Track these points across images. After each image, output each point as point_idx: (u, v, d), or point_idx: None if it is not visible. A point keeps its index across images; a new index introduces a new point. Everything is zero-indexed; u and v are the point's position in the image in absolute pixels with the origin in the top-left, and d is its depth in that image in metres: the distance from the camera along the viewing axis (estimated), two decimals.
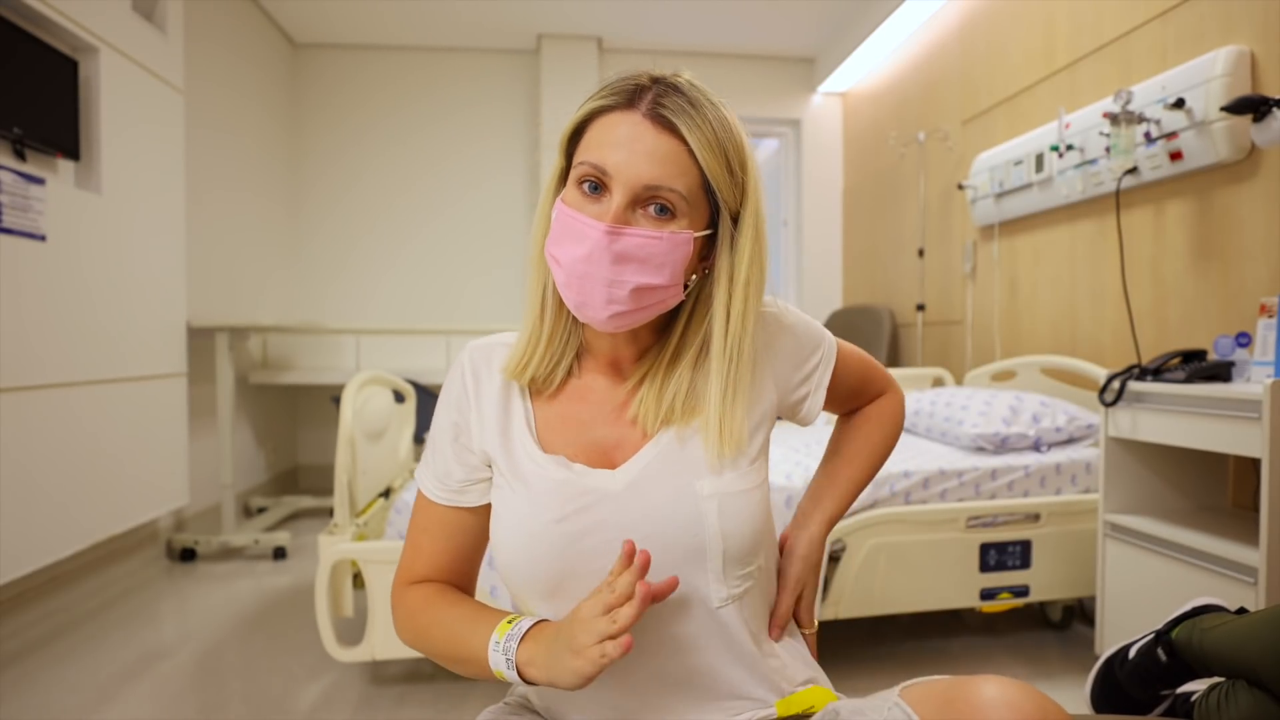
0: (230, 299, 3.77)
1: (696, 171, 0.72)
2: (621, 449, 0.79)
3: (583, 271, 0.72)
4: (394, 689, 1.92)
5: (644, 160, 0.70)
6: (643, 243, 0.71)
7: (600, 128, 0.73)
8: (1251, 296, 1.99)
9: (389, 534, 1.93)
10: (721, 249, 0.76)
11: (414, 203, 4.69)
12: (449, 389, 0.85)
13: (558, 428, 0.81)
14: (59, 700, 1.87)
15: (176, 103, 3.00)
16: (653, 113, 0.72)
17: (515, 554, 0.77)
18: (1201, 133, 2.04)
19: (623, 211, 0.71)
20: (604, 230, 0.70)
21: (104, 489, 2.53)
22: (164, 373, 2.89)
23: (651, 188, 0.70)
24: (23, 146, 2.26)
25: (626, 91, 0.73)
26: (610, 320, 0.73)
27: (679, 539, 0.75)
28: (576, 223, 0.72)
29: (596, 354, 0.83)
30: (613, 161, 0.71)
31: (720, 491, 0.76)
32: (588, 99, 0.76)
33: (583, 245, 0.71)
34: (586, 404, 0.82)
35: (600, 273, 0.71)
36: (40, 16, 2.28)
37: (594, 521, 0.75)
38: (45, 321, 2.28)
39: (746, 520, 0.77)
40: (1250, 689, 1.11)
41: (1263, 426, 1.49)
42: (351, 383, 2.02)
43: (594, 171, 0.72)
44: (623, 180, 0.71)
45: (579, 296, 0.73)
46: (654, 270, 0.72)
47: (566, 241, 0.73)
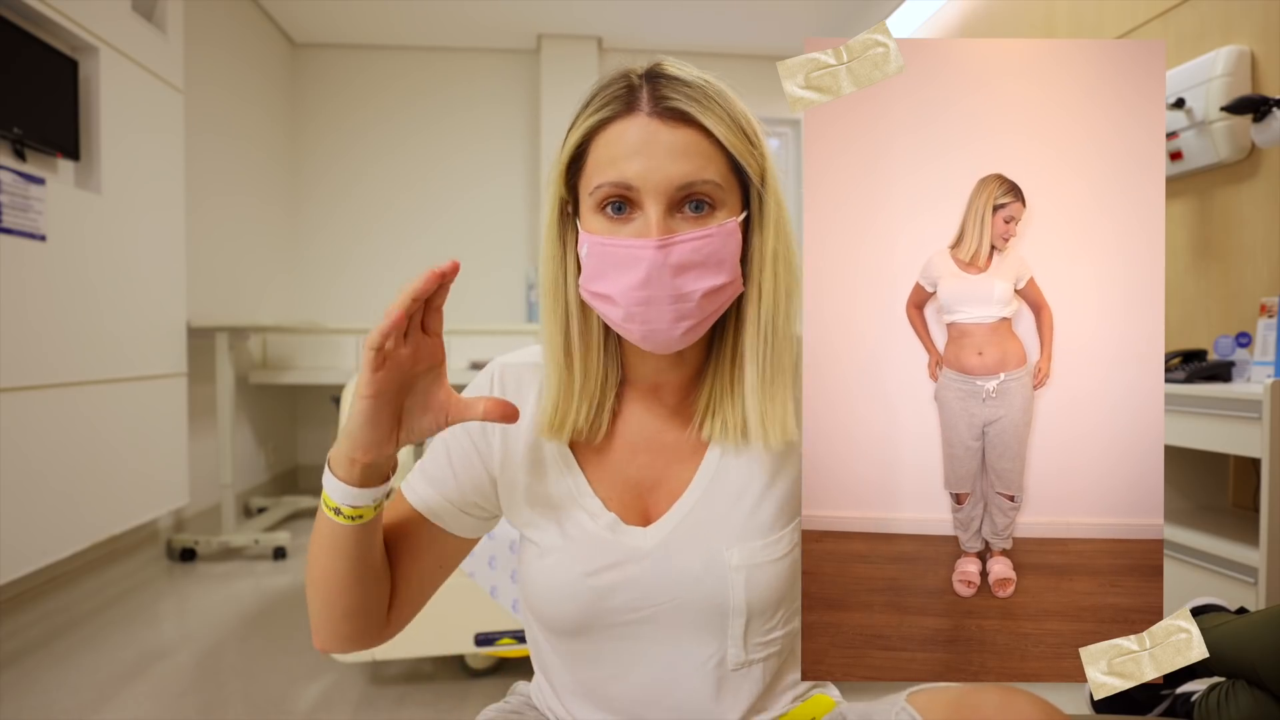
0: (230, 299, 3.77)
1: (722, 155, 0.67)
2: (658, 491, 0.76)
3: (643, 298, 0.66)
4: (394, 689, 1.92)
5: (668, 160, 0.65)
6: (697, 245, 0.66)
7: (606, 143, 0.68)
8: (1251, 296, 1.99)
9: None
10: (754, 226, 0.71)
11: (414, 203, 4.69)
12: (474, 392, 0.79)
13: (595, 463, 0.77)
14: (59, 700, 1.87)
15: (176, 102, 3.00)
16: (658, 109, 0.67)
17: (542, 596, 0.75)
18: (1201, 133, 2.04)
19: (663, 221, 0.65)
20: (656, 246, 0.65)
21: (104, 489, 2.53)
22: (164, 373, 2.89)
23: (685, 186, 0.66)
24: (23, 146, 2.26)
25: (620, 97, 0.68)
26: (683, 336, 0.68)
27: (703, 605, 0.72)
28: (619, 249, 0.66)
29: (636, 382, 0.78)
30: (635, 172, 0.65)
31: (749, 563, 0.72)
32: (577, 118, 0.70)
33: (636, 270, 0.65)
34: (624, 440, 0.77)
35: (664, 293, 0.66)
36: (40, 16, 2.28)
37: (623, 579, 0.73)
38: (45, 321, 2.28)
39: (774, 591, 0.73)
40: (1250, 689, 1.11)
41: (1263, 426, 1.49)
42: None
43: (616, 191, 0.66)
44: (653, 187, 0.65)
45: (645, 325, 0.67)
46: (714, 270, 0.67)
47: (612, 273, 0.67)
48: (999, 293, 0.71)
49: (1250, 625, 1.12)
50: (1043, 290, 0.71)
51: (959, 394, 0.73)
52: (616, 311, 0.68)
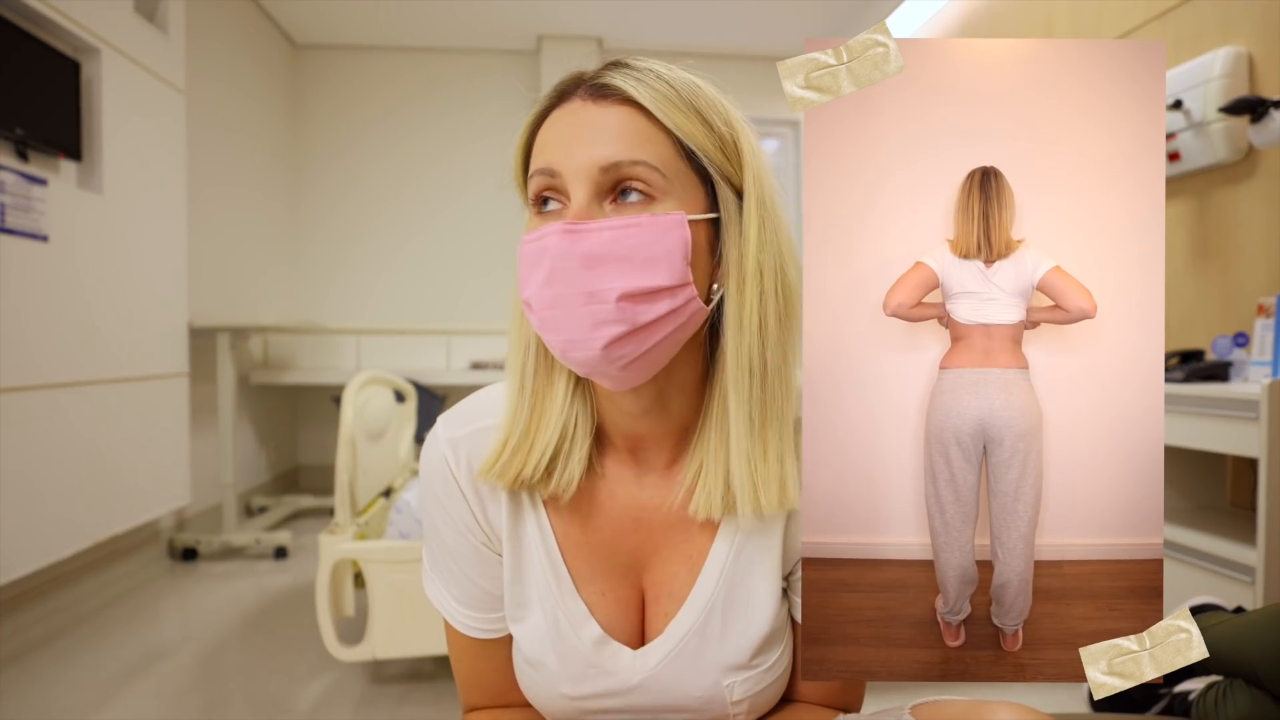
0: (231, 299, 3.77)
1: (666, 138, 0.58)
2: (655, 591, 0.67)
3: (551, 297, 0.56)
4: (395, 688, 1.92)
5: (593, 141, 0.57)
6: (615, 235, 0.55)
7: (541, 134, 0.61)
8: (1249, 297, 1.99)
9: (390, 534, 1.94)
10: (728, 233, 0.60)
11: (414, 203, 4.70)
12: (434, 486, 0.68)
13: (581, 549, 0.67)
14: (60, 700, 1.87)
15: (178, 103, 3.01)
16: (591, 90, 0.59)
17: (528, 693, 0.70)
18: (1199, 133, 2.05)
19: (586, 208, 0.57)
20: (560, 232, 0.55)
21: (105, 489, 2.53)
22: (165, 373, 2.90)
23: (610, 167, 0.56)
24: (25, 147, 2.27)
25: (562, 88, 0.62)
26: (609, 350, 0.56)
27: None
28: (530, 244, 0.58)
29: (614, 437, 0.67)
30: (557, 155, 0.58)
31: (752, 692, 0.66)
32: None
33: (543, 265, 0.57)
34: (609, 514, 0.67)
35: (571, 289, 0.55)
36: (42, 18, 2.29)
37: (613, 705, 0.66)
38: (47, 321, 2.28)
39: (773, 702, 0.69)
40: (1248, 688, 1.12)
41: (1260, 426, 1.49)
42: (352, 383, 2.02)
43: (541, 180, 0.59)
44: (574, 170, 0.57)
45: (559, 334, 0.57)
46: (641, 267, 0.55)
47: (528, 272, 0.59)
48: (1000, 284, 0.68)
49: (1248, 624, 1.13)
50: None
51: (952, 386, 0.70)
52: (536, 320, 0.59)
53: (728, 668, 0.65)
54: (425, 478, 0.69)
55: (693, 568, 0.66)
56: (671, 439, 0.66)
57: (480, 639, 0.70)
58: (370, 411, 2.14)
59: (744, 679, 0.65)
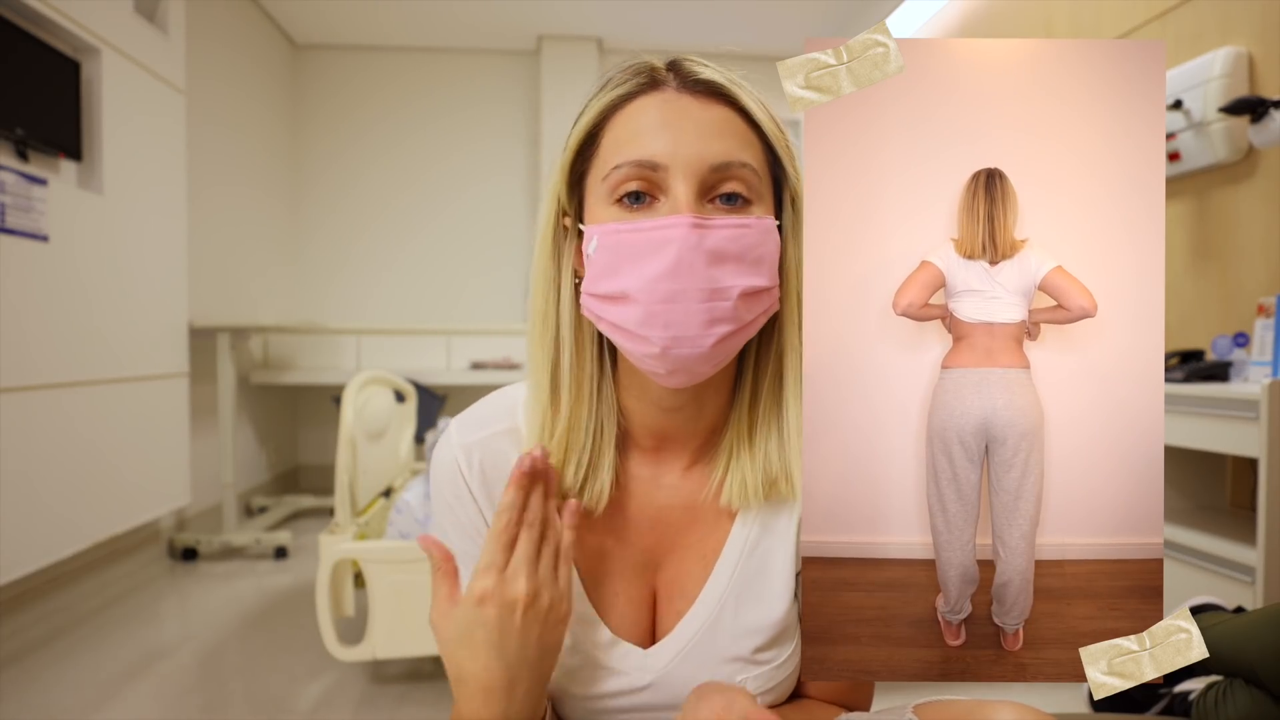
0: (231, 299, 3.77)
1: (759, 142, 0.59)
2: (669, 588, 0.67)
3: (671, 291, 0.54)
4: (395, 688, 1.92)
5: (700, 137, 0.56)
6: (735, 233, 0.55)
7: (626, 120, 0.58)
8: (1249, 297, 1.99)
9: (390, 534, 1.94)
10: (787, 235, 0.61)
11: (414, 203, 4.70)
12: (444, 492, 0.67)
13: (592, 550, 0.66)
14: (60, 700, 1.87)
15: (178, 103, 3.01)
16: (689, 83, 0.58)
17: None
18: (1199, 134, 2.05)
19: (697, 204, 0.55)
20: (690, 224, 0.54)
21: (105, 489, 2.53)
22: (165, 373, 2.90)
23: (720, 167, 0.56)
24: (25, 147, 2.27)
25: (643, 74, 0.59)
26: (716, 348, 0.56)
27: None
28: (639, 235, 0.55)
29: (638, 438, 0.66)
30: (661, 148, 0.55)
31: (764, 688, 0.66)
32: (589, 101, 0.61)
33: (663, 256, 0.54)
34: (624, 512, 0.66)
35: (696, 284, 0.54)
36: (42, 18, 2.29)
37: (623, 704, 0.66)
38: (47, 321, 2.28)
39: (785, 697, 0.69)
40: (1248, 687, 1.12)
41: (1260, 426, 1.49)
42: (352, 383, 2.02)
43: (637, 172, 0.56)
44: (682, 165, 0.55)
45: (668, 331, 0.55)
46: (753, 267, 0.56)
47: (629, 266, 0.55)
48: (1004, 283, 0.68)
49: (1248, 624, 1.13)
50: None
51: (955, 385, 0.70)
52: (633, 312, 0.56)
53: (740, 662, 0.65)
54: (436, 482, 0.68)
55: (706, 566, 0.66)
56: (698, 438, 0.66)
57: None
58: (370, 411, 2.14)
59: (755, 675, 0.65)
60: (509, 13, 4.23)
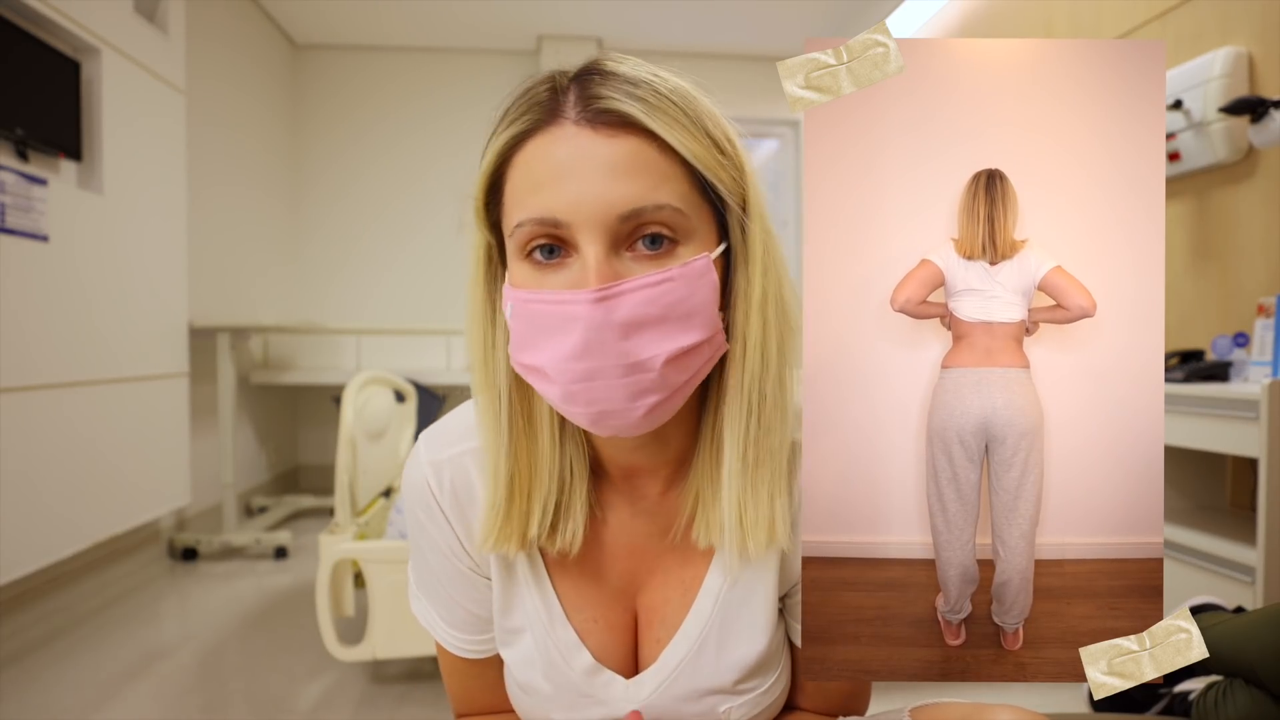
0: (231, 299, 3.77)
1: (683, 171, 0.52)
2: (649, 617, 0.66)
3: (583, 371, 0.50)
4: (395, 688, 1.92)
5: (604, 181, 0.49)
6: (653, 293, 0.50)
7: (523, 165, 0.52)
8: (1249, 297, 1.99)
9: (390, 534, 1.94)
10: (737, 260, 0.56)
11: (414, 203, 4.70)
12: (416, 509, 0.65)
13: (573, 575, 0.65)
14: (60, 700, 1.87)
15: (178, 103, 3.01)
16: (588, 113, 0.51)
17: (520, 710, 0.69)
18: (1199, 134, 2.05)
19: (605, 265, 0.50)
20: (591, 300, 0.49)
21: (105, 489, 2.53)
22: (165, 373, 2.90)
23: (632, 215, 0.50)
24: (25, 147, 2.27)
25: (540, 103, 0.53)
26: (648, 416, 0.52)
27: None
28: (545, 307, 0.51)
29: (611, 469, 0.64)
30: (561, 202, 0.50)
31: (749, 715, 0.65)
32: (491, 135, 0.55)
33: (570, 334, 0.50)
34: (599, 542, 0.65)
35: (610, 362, 0.49)
36: (42, 18, 2.29)
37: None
38: (47, 321, 2.28)
39: (774, 714, 0.68)
40: (1248, 687, 1.12)
41: (1260, 426, 1.49)
42: (352, 383, 2.02)
43: (540, 230, 0.51)
44: (586, 220, 0.49)
45: (591, 408, 0.51)
46: (680, 326, 0.51)
47: (542, 339, 0.51)
48: (1003, 283, 0.68)
49: (1248, 624, 1.13)
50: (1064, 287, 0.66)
51: (955, 384, 0.70)
52: (554, 390, 0.52)
53: (723, 694, 0.64)
54: (408, 500, 0.66)
55: (686, 594, 0.65)
56: (667, 468, 0.63)
57: (470, 659, 0.70)
58: (370, 411, 2.14)
59: (740, 703, 0.64)
60: (509, 13, 4.23)
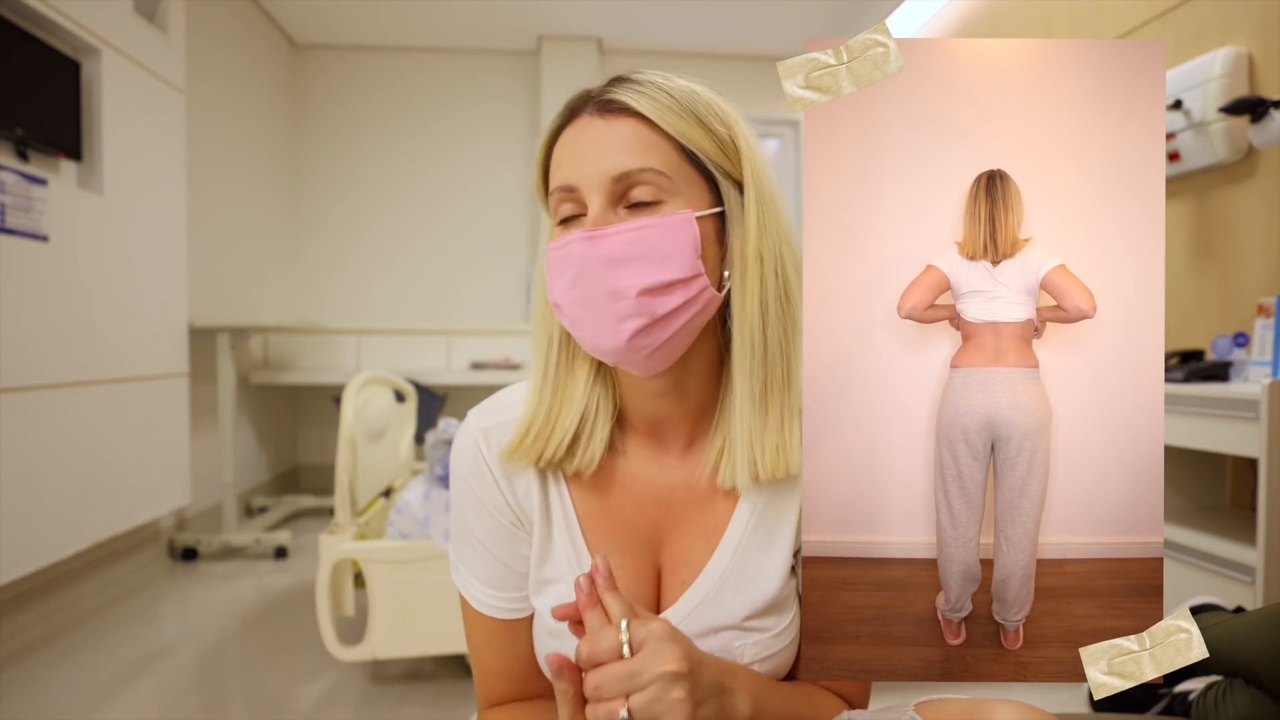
0: (231, 299, 3.77)
1: (669, 144, 0.64)
2: (674, 561, 0.71)
3: (578, 298, 0.63)
4: (395, 688, 1.92)
5: (602, 153, 0.63)
6: (632, 237, 0.62)
7: (557, 152, 0.67)
8: (1249, 297, 1.99)
9: (390, 534, 1.94)
10: (732, 224, 0.66)
11: (414, 203, 4.70)
12: (464, 473, 0.73)
13: (602, 525, 0.71)
14: (60, 699, 1.87)
15: (178, 103, 3.01)
16: (598, 106, 0.65)
17: (544, 648, 0.72)
18: (1199, 134, 2.05)
19: (602, 215, 0.63)
20: (582, 239, 0.62)
21: (105, 489, 2.53)
22: (165, 373, 2.90)
23: (623, 177, 0.63)
24: (25, 147, 2.27)
25: (572, 106, 0.67)
26: (633, 341, 0.62)
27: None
28: (556, 252, 0.64)
29: (635, 420, 0.72)
30: (574, 171, 0.64)
31: (762, 655, 0.69)
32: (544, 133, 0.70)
33: (568, 270, 0.63)
34: (629, 491, 0.72)
35: (596, 291, 0.62)
36: (42, 18, 2.29)
37: None
38: (47, 321, 2.28)
39: (782, 673, 0.71)
40: (1248, 687, 1.12)
41: (1260, 426, 1.49)
42: (352, 383, 2.02)
43: (563, 195, 0.65)
44: (589, 182, 0.63)
45: (587, 330, 0.64)
46: (658, 264, 0.62)
47: (556, 277, 0.65)
48: (1006, 282, 0.68)
49: (1248, 624, 1.13)
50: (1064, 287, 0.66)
51: (961, 384, 0.70)
52: (565, 320, 0.65)
53: (738, 630, 0.69)
54: (456, 466, 0.73)
55: (709, 540, 0.70)
56: (689, 420, 0.71)
57: (504, 619, 0.74)
58: (370, 411, 2.14)
59: (754, 641, 0.69)
60: (509, 13, 4.23)
